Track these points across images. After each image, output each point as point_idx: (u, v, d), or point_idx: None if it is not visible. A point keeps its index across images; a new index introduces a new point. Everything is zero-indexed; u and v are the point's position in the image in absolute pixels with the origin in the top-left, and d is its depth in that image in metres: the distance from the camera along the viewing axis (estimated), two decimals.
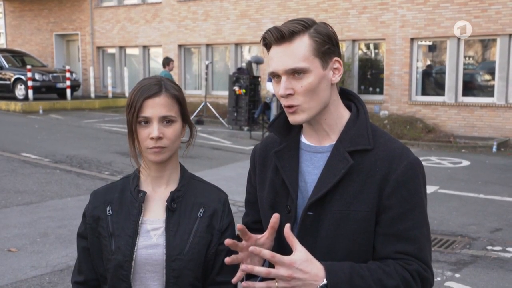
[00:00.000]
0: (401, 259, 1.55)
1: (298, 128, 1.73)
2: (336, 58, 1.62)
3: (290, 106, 1.58)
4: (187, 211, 1.77)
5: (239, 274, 1.56)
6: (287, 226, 1.49)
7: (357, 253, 1.59)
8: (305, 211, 1.61)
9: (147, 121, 1.70)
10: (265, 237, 1.61)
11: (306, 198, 1.65)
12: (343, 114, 1.68)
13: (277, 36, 1.56)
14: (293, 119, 1.61)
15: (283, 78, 1.57)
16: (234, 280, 1.58)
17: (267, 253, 1.46)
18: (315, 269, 1.47)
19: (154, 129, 1.68)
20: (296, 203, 1.66)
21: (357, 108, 1.69)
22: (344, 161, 1.59)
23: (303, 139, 1.72)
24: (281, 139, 1.73)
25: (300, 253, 1.47)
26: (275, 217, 1.58)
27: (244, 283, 1.50)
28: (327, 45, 1.58)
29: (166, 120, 1.70)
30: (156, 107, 1.69)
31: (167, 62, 12.62)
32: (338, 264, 1.52)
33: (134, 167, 1.83)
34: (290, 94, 1.56)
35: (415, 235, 1.56)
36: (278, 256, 1.45)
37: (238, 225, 1.59)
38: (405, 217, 1.56)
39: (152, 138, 1.68)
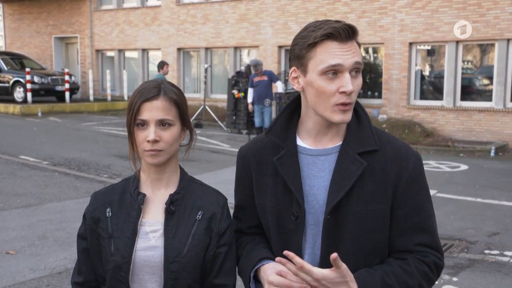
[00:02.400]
0: (419, 251, 1.64)
1: (293, 132, 1.74)
2: None
3: (348, 104, 1.59)
4: (186, 213, 1.78)
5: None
6: (334, 255, 1.48)
7: (374, 249, 1.66)
8: (325, 216, 1.63)
9: (145, 123, 1.71)
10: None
11: (312, 202, 1.66)
12: None
13: (349, 33, 1.57)
14: (343, 117, 1.60)
15: (348, 75, 1.57)
16: None
17: (296, 259, 1.52)
18: None
19: (150, 132, 1.70)
20: (304, 209, 1.66)
21: (356, 109, 1.71)
22: (356, 163, 1.63)
23: (300, 143, 1.72)
24: (280, 144, 1.72)
25: (334, 273, 1.51)
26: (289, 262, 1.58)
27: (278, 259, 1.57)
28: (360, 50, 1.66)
29: (163, 123, 1.72)
30: (154, 110, 1.70)
31: (161, 65, 12.90)
32: (371, 279, 1.57)
33: (133, 169, 1.84)
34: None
35: (429, 225, 1.67)
36: (307, 267, 1.51)
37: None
38: (419, 209, 1.66)
39: (148, 141, 1.70)
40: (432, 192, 8.12)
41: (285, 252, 1.53)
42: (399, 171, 1.63)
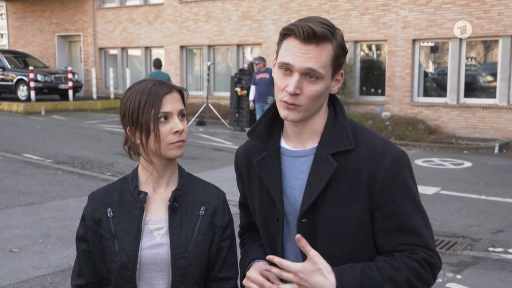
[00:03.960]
0: (407, 249, 1.58)
1: (278, 133, 1.72)
2: (341, 71, 1.64)
3: (292, 104, 1.57)
4: (188, 209, 1.78)
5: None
6: (298, 236, 1.52)
7: (356, 253, 1.61)
8: (299, 219, 1.61)
9: (167, 116, 1.70)
10: None
11: (294, 204, 1.65)
12: (325, 116, 1.68)
13: (309, 35, 1.52)
14: (287, 114, 1.58)
15: (296, 76, 1.55)
16: None
17: (276, 259, 1.56)
18: (321, 281, 1.51)
19: (177, 123, 1.70)
20: (283, 211, 1.66)
21: (334, 107, 1.69)
22: (328, 165, 1.58)
23: (283, 144, 1.70)
24: (261, 146, 1.71)
25: (307, 264, 1.52)
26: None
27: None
28: (342, 58, 1.60)
29: (181, 114, 1.74)
30: (175, 101, 1.72)
31: (160, 63, 13.42)
32: (349, 270, 1.54)
33: (142, 165, 1.80)
34: (296, 94, 1.56)
35: (413, 226, 1.59)
36: (285, 263, 1.54)
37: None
38: (399, 211, 1.58)
39: (176, 132, 1.70)
40: (435, 189, 8.11)
41: (268, 257, 1.59)
42: (372, 171, 1.56)
